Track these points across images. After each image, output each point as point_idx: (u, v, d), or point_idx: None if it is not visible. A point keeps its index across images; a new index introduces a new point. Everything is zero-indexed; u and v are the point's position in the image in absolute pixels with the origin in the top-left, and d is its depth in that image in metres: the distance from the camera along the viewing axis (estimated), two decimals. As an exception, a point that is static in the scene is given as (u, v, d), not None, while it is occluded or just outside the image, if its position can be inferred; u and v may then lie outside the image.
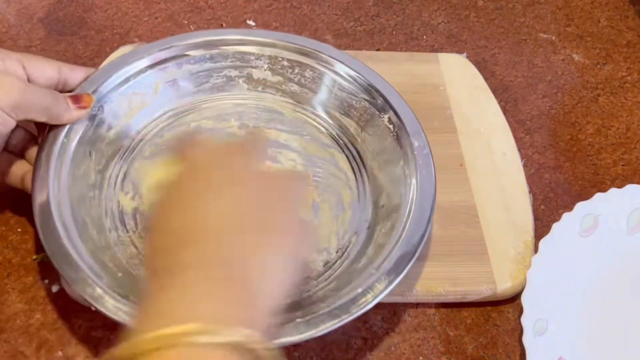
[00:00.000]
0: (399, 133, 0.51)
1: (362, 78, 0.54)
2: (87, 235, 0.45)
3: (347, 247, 0.48)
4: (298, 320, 0.40)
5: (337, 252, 0.48)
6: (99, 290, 0.40)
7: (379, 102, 0.53)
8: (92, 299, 0.40)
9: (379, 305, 0.48)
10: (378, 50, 0.67)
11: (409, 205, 0.47)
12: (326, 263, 0.48)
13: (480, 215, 0.52)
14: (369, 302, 0.41)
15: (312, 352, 0.46)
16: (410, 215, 0.46)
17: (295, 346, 0.46)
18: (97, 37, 0.65)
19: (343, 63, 0.55)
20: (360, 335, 0.47)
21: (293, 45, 0.56)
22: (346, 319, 0.41)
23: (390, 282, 0.42)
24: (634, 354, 0.47)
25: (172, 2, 0.69)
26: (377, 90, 0.53)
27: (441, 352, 0.46)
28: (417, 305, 0.48)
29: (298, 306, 0.43)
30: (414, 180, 0.48)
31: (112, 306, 0.40)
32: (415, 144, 0.50)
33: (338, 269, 0.47)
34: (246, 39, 0.56)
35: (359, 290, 0.42)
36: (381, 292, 0.42)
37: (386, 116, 0.52)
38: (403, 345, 0.47)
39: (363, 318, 0.47)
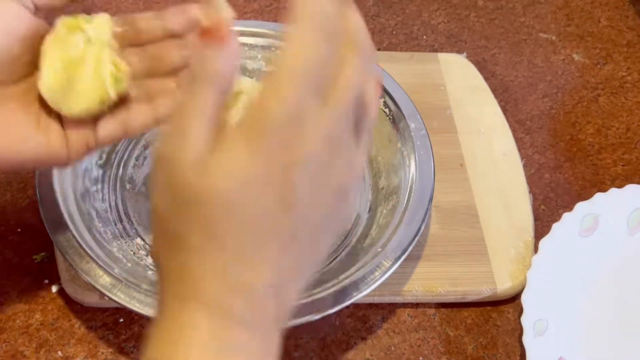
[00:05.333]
0: (395, 116, 0.52)
1: None
2: (94, 227, 0.45)
3: (350, 229, 0.49)
4: (310, 300, 0.41)
5: (340, 234, 0.49)
6: (110, 280, 0.41)
7: None
8: (104, 288, 0.40)
9: (379, 305, 0.48)
10: (378, 50, 0.67)
11: (409, 186, 0.48)
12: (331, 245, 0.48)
13: (480, 215, 0.52)
14: (377, 279, 0.42)
15: (312, 352, 0.46)
16: (411, 195, 0.47)
17: (296, 346, 0.46)
18: (97, 37, 0.65)
19: None
20: (360, 335, 0.47)
21: None
22: (356, 295, 0.42)
23: (396, 260, 0.43)
24: (634, 354, 0.46)
25: (172, 2, 0.69)
26: None
27: (441, 352, 0.46)
28: (417, 305, 0.48)
29: (308, 287, 0.43)
30: (412, 162, 0.49)
31: (124, 295, 0.40)
32: (412, 126, 0.51)
33: (343, 250, 0.48)
34: (239, 30, 0.57)
35: (367, 268, 0.43)
36: (388, 269, 0.43)
37: (381, 100, 0.54)
38: (403, 345, 0.47)
39: (363, 318, 0.47)
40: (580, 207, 0.49)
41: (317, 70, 0.26)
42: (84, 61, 0.36)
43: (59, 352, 0.44)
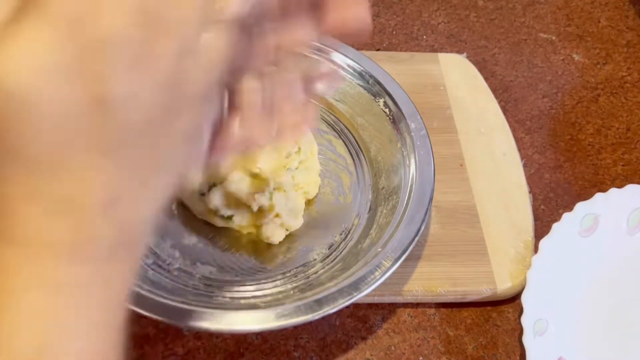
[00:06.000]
0: (395, 116, 0.53)
1: (356, 64, 0.55)
2: None
3: (350, 229, 0.49)
4: (309, 300, 0.41)
5: (340, 234, 0.49)
6: None
7: (373, 87, 0.54)
8: None
9: (379, 305, 0.48)
10: (378, 50, 0.67)
11: (409, 186, 0.48)
12: (330, 246, 0.49)
13: (480, 215, 0.52)
14: (377, 279, 0.42)
15: (312, 352, 0.46)
16: (412, 195, 0.47)
17: (296, 346, 0.46)
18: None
19: (336, 50, 0.56)
20: (360, 335, 0.47)
21: None
22: (356, 295, 0.41)
23: (396, 260, 0.43)
24: (634, 354, 0.46)
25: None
26: (372, 76, 0.55)
27: (441, 352, 0.46)
28: (417, 305, 0.48)
29: (308, 287, 0.44)
30: (412, 162, 0.50)
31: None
32: (412, 126, 0.52)
33: (343, 250, 0.48)
34: None
35: (367, 268, 0.43)
36: (388, 269, 0.43)
37: (381, 100, 0.54)
38: (403, 345, 0.47)
39: (363, 318, 0.47)
40: (580, 207, 0.49)
41: None
42: None
43: (59, 352, 0.44)
